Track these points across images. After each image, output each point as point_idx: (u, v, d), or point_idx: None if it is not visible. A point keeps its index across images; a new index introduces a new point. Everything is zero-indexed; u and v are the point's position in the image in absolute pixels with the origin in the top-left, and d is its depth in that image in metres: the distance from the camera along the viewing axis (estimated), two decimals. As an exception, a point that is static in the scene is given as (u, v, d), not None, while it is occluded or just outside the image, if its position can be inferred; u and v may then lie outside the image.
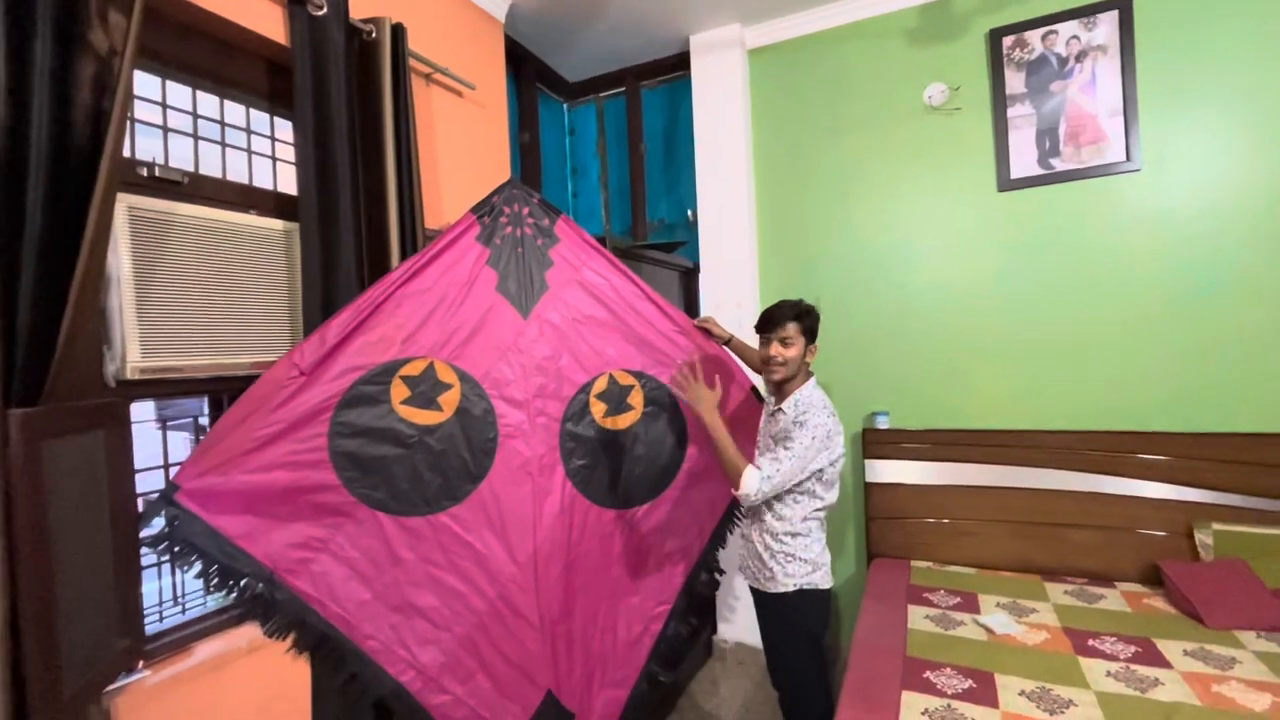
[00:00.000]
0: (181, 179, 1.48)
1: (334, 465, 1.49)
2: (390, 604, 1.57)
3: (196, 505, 1.32)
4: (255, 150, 1.74)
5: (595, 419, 1.92)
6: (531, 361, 1.82)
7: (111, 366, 1.32)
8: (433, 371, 1.66)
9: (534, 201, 1.91)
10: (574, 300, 1.91)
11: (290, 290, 1.66)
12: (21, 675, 1.06)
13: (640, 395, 2.00)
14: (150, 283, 1.37)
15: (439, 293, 1.68)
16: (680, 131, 3.14)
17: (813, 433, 1.67)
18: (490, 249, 1.80)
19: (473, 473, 1.69)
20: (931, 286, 2.57)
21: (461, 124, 2.27)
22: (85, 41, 1.19)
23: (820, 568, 1.76)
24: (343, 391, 1.50)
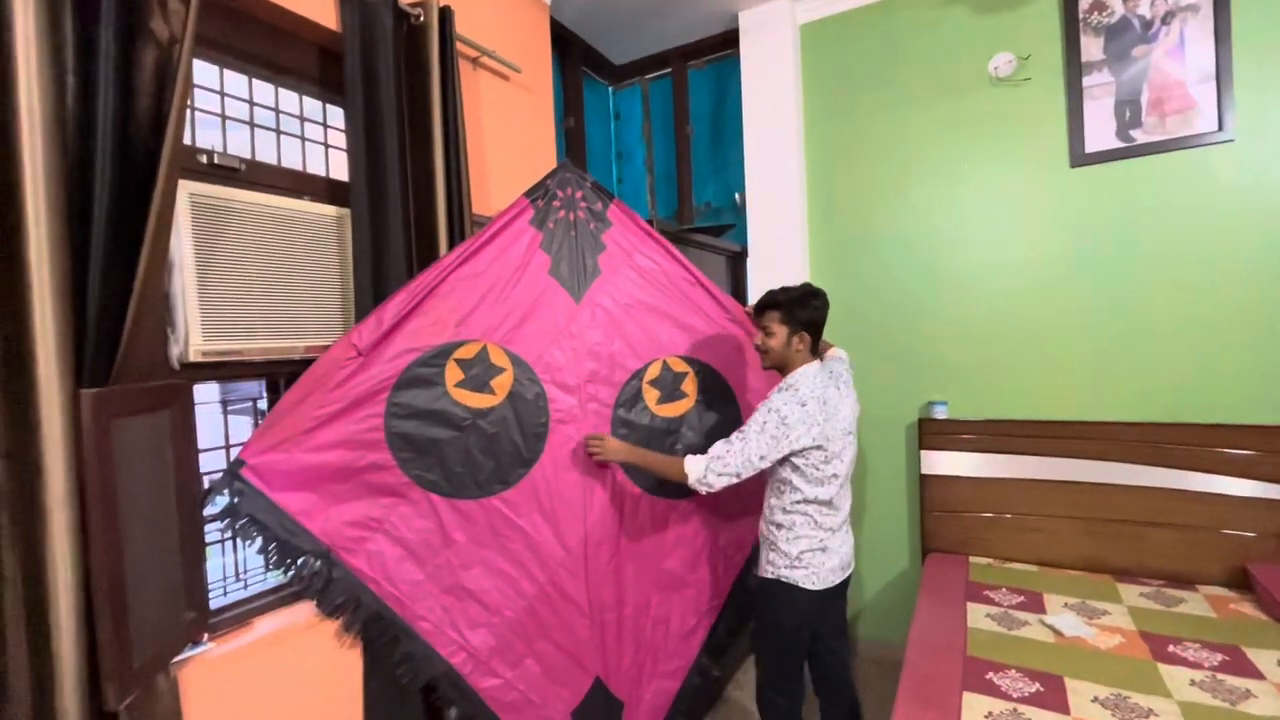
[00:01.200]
0: (239, 166, 1.51)
1: (390, 445, 1.51)
2: (442, 585, 1.58)
3: (260, 481, 1.36)
4: (308, 137, 1.76)
5: (648, 405, 1.89)
6: (584, 346, 1.80)
7: (175, 349, 1.36)
8: (486, 355, 1.66)
9: (587, 185, 1.88)
10: (627, 285, 1.89)
11: (342, 275, 1.68)
12: (94, 645, 1.11)
13: (694, 383, 1.96)
14: (210, 268, 1.40)
15: (492, 276, 1.68)
16: (727, 112, 3.05)
17: (764, 416, 1.57)
18: (543, 233, 1.79)
19: (524, 457, 1.69)
20: (995, 269, 2.43)
21: (507, 108, 2.25)
22: (147, 30, 1.21)
23: (801, 565, 1.63)
24: (399, 373, 1.52)
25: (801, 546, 1.63)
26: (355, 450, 1.46)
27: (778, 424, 1.55)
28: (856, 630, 2.74)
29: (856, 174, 2.67)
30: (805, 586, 1.63)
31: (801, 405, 1.56)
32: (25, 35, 1.04)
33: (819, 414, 1.57)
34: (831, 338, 2.64)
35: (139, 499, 1.20)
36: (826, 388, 1.63)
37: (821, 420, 1.57)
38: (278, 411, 1.40)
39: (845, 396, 1.69)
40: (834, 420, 1.60)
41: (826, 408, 1.59)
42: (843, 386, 1.70)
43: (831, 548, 1.65)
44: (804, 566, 1.63)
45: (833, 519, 1.65)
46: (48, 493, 1.04)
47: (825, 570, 1.64)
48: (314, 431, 1.42)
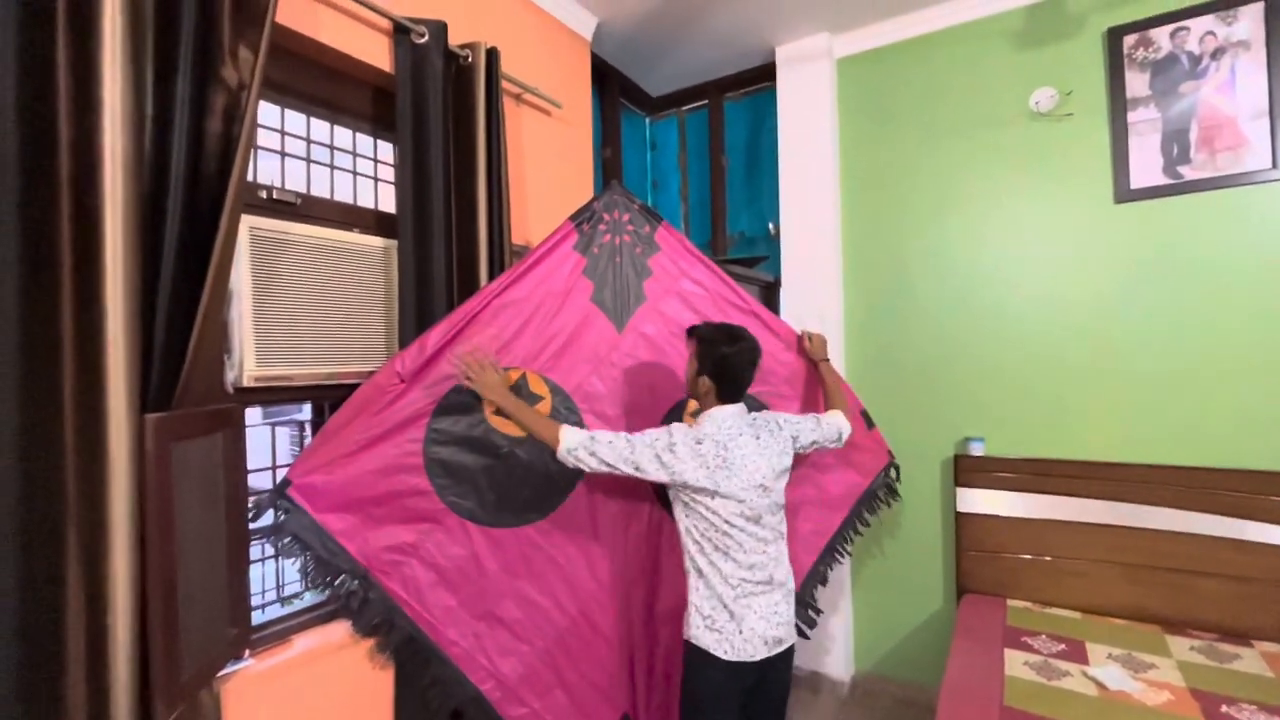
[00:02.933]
0: (295, 200, 1.59)
1: (428, 471, 1.55)
2: (474, 612, 1.60)
3: (304, 500, 1.41)
4: (359, 171, 1.84)
5: None
6: (624, 376, 1.80)
7: (230, 374, 1.43)
8: (525, 383, 1.69)
9: (635, 208, 1.88)
10: (672, 313, 1.86)
11: (386, 304, 1.75)
12: (145, 658, 1.16)
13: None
14: (266, 297, 1.47)
15: (535, 302, 1.70)
16: (763, 144, 3.08)
17: (660, 432, 1.48)
18: (588, 258, 1.79)
19: (560, 487, 1.70)
20: (1035, 305, 2.39)
21: (548, 141, 2.32)
22: (218, 77, 1.30)
23: (716, 630, 1.45)
24: (439, 399, 1.56)
25: (709, 606, 1.46)
26: (395, 474, 1.51)
27: (666, 446, 1.45)
28: (888, 670, 2.67)
29: (892, 207, 2.67)
30: (717, 655, 1.44)
31: (696, 443, 1.46)
32: (112, 85, 1.12)
33: (712, 458, 1.44)
34: (866, 370, 2.65)
35: (192, 518, 1.26)
36: (738, 435, 1.49)
37: (713, 465, 1.44)
38: (324, 434, 1.45)
39: (764, 450, 1.52)
40: (734, 470, 1.45)
41: (726, 453, 1.45)
42: (765, 437, 1.54)
43: (742, 615, 1.45)
44: (720, 632, 1.45)
45: (745, 579, 1.47)
46: (111, 510, 1.10)
47: (740, 641, 1.44)
48: (357, 454, 1.46)
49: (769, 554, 1.51)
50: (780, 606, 1.51)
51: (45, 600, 1.02)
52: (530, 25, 2.26)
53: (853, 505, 2.06)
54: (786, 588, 1.54)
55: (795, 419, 1.67)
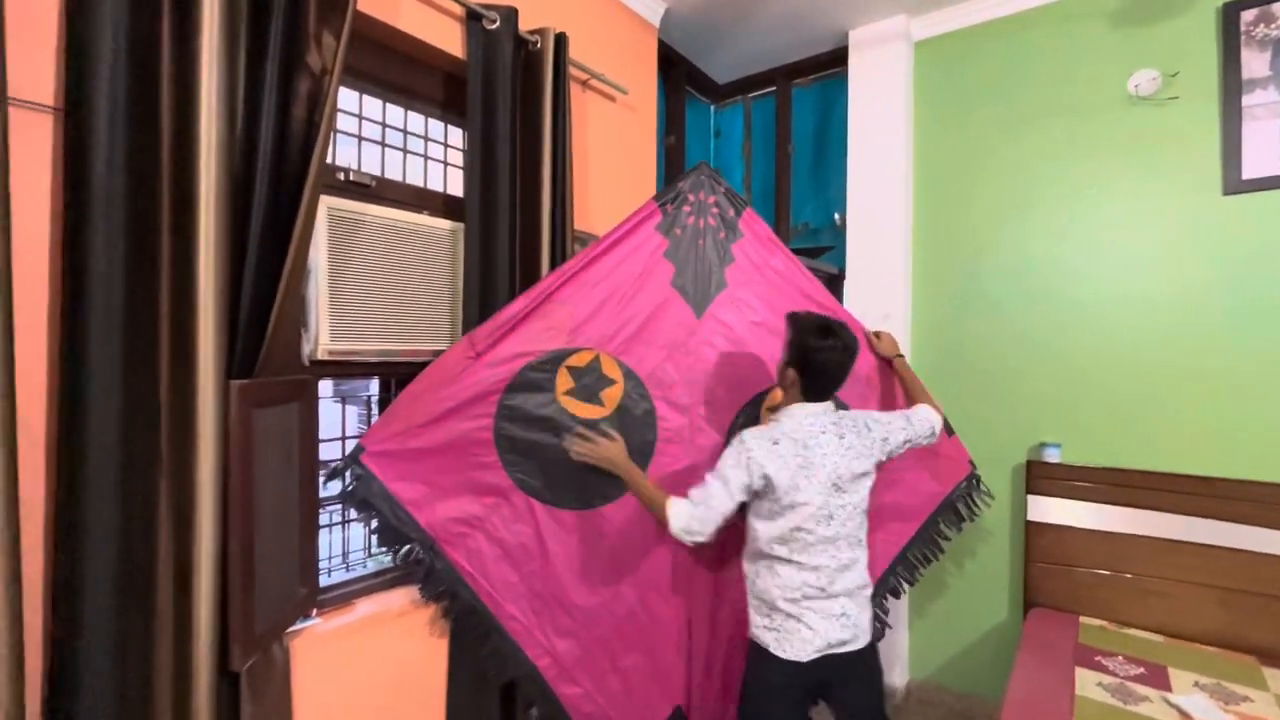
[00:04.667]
0: (370, 182, 1.65)
1: (497, 446, 1.58)
2: (534, 590, 1.62)
3: (377, 467, 1.47)
4: (430, 156, 1.89)
5: None
6: (700, 365, 1.76)
7: (307, 347, 1.50)
8: (598, 365, 1.68)
9: (721, 190, 1.82)
10: (752, 301, 1.81)
11: (452, 286, 1.79)
12: (225, 610, 1.24)
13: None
14: (340, 275, 1.54)
15: (613, 283, 1.68)
16: (831, 131, 2.99)
17: (735, 456, 1.41)
18: (670, 240, 1.76)
19: None
20: (1124, 302, 2.23)
21: (612, 127, 2.33)
22: (304, 63, 1.36)
23: (775, 629, 1.42)
24: (512, 375, 1.58)
25: (772, 596, 1.43)
26: (465, 447, 1.54)
27: (744, 463, 1.39)
28: (946, 679, 2.57)
29: (969, 196, 2.54)
30: (776, 653, 1.41)
31: (774, 444, 1.40)
32: (209, 73, 1.19)
33: (791, 457, 1.39)
34: (936, 367, 2.53)
35: (269, 481, 1.33)
36: (820, 433, 1.44)
37: (794, 466, 1.39)
38: (397, 405, 1.51)
39: (847, 450, 1.45)
40: (813, 470, 1.40)
41: (806, 452, 1.40)
42: (850, 437, 1.47)
43: (802, 615, 1.40)
44: (775, 629, 1.42)
45: (808, 583, 1.42)
46: (199, 470, 1.18)
47: (799, 641, 1.40)
48: (429, 426, 1.51)
49: (840, 559, 1.44)
50: (850, 609, 1.44)
51: (139, 553, 1.10)
52: (598, 10, 2.26)
53: (928, 515, 1.98)
54: (858, 592, 1.47)
55: (885, 418, 1.59)
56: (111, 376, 1.08)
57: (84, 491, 1.06)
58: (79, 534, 1.05)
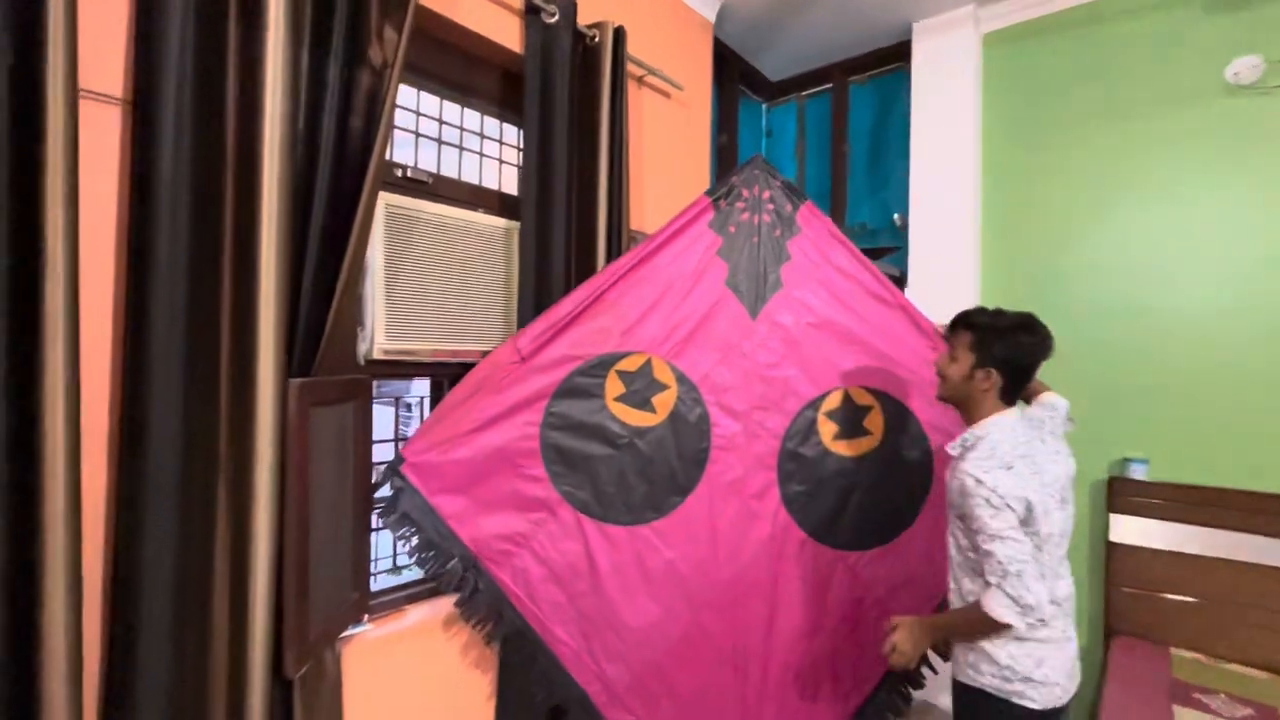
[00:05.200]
0: (427, 179, 1.62)
1: (543, 457, 1.52)
2: (583, 612, 1.55)
3: (418, 479, 1.43)
4: (484, 153, 1.86)
5: (823, 441, 1.71)
6: (755, 368, 1.68)
7: (363, 346, 1.47)
8: (649, 369, 1.61)
9: (777, 185, 1.75)
10: (810, 301, 1.72)
11: (506, 284, 1.75)
12: (279, 615, 1.21)
13: (880, 419, 1.74)
14: (397, 272, 1.51)
15: (664, 283, 1.62)
16: (891, 129, 2.87)
17: (990, 504, 1.19)
18: (723, 237, 1.69)
19: (680, 484, 1.62)
20: (1216, 310, 2.05)
21: (666, 125, 2.26)
22: (365, 57, 1.33)
23: (1017, 676, 1.22)
24: (559, 381, 1.52)
25: (1011, 649, 1.24)
26: (510, 457, 1.49)
27: (999, 500, 1.19)
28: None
29: (1044, 195, 2.39)
30: (1022, 704, 1.23)
31: (1007, 468, 1.22)
32: (273, 68, 1.17)
33: (1029, 476, 1.23)
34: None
35: (325, 481, 1.30)
36: (1030, 442, 1.29)
37: (1036, 485, 1.23)
38: (441, 410, 1.47)
39: (1055, 454, 1.32)
40: (1048, 488, 1.25)
41: (1035, 466, 1.25)
42: (1050, 440, 1.34)
43: (1047, 652, 1.24)
44: (1020, 677, 1.23)
45: (1058, 617, 1.27)
46: (257, 470, 1.15)
47: (1042, 682, 1.22)
48: (472, 434, 1.46)
49: (1064, 576, 1.31)
50: (1073, 635, 1.31)
51: (197, 557, 1.08)
52: (654, 5, 2.20)
53: None
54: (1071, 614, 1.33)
55: (1039, 409, 1.44)
56: (173, 376, 1.06)
57: (143, 493, 1.04)
58: (138, 536, 1.03)
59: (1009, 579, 1.17)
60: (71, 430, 0.92)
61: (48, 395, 0.90)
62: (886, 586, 1.72)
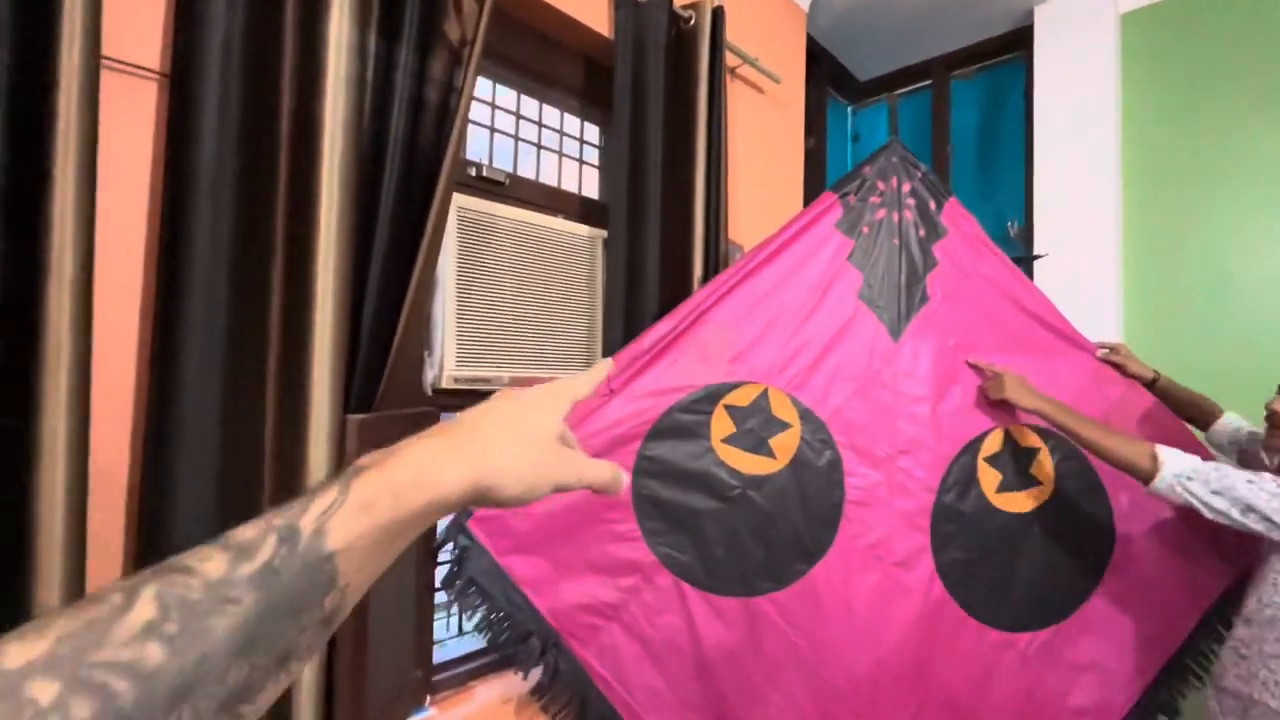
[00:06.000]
0: (504, 179, 1.41)
1: (636, 510, 1.25)
2: (685, 700, 1.27)
3: (486, 536, 1.18)
4: (565, 153, 1.65)
5: (985, 493, 1.40)
6: (899, 401, 1.39)
7: (430, 374, 1.25)
8: (766, 403, 1.34)
9: (919, 176, 1.47)
10: (964, 319, 1.44)
11: (589, 303, 1.52)
12: (331, 699, 0.98)
13: (1050, 465, 1.42)
14: (470, 287, 1.29)
15: (783, 298, 1.36)
16: (1002, 128, 2.56)
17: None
18: (854, 240, 1.41)
19: (807, 548, 1.33)
20: None
21: (758, 123, 2.02)
22: (441, 33, 1.13)
23: None
24: (656, 418, 1.26)
25: None
26: (597, 512, 1.23)
27: None
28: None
29: (1206, 196, 2.03)
30: None
31: None
32: (337, 42, 0.97)
33: None
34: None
35: (384, 539, 1.08)
36: None
37: None
38: None
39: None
40: None
41: None
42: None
43: None
44: None
45: None
46: (306, 529, 0.93)
47: None
48: None
49: None
50: None
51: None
52: (746, -9, 1.97)
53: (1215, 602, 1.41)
54: None
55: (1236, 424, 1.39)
56: (208, 407, 0.85)
57: (169, 551, 0.83)
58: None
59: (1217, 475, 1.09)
60: (76, 472, 0.72)
61: (45, 439, 0.70)
62: (1064, 674, 1.38)
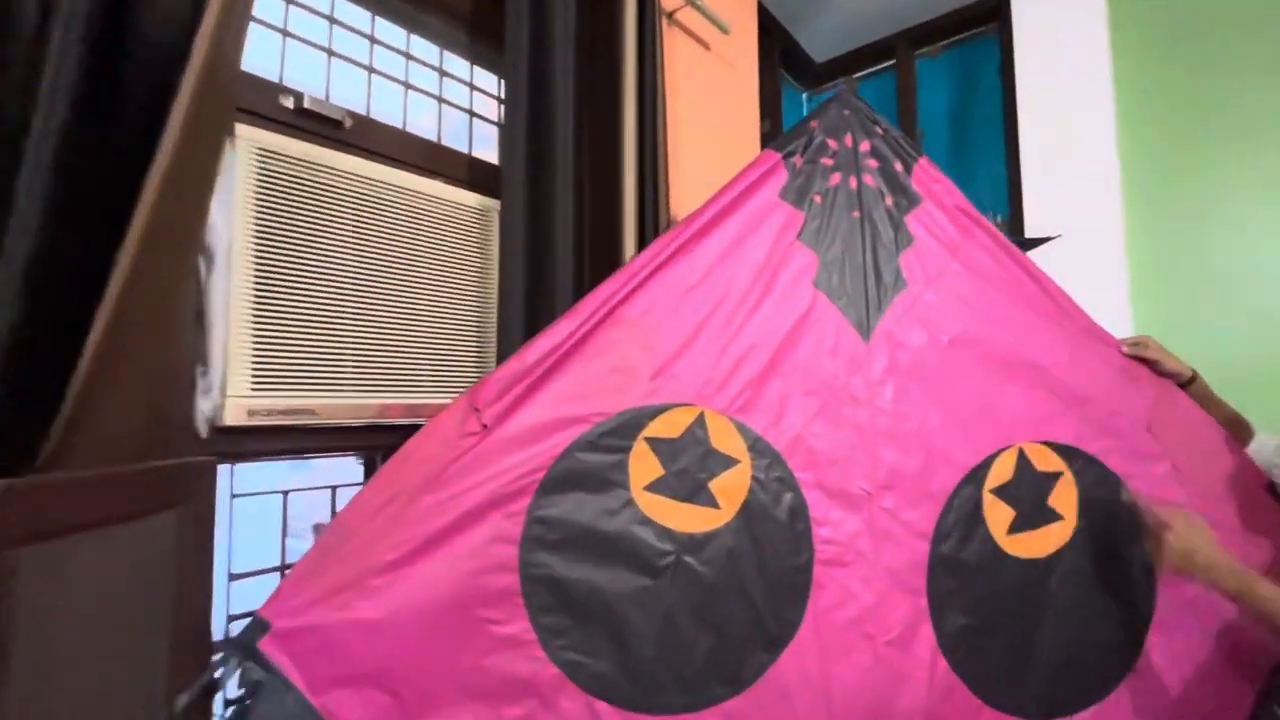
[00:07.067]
0: (343, 119, 0.98)
1: (526, 600, 0.83)
2: None
3: (293, 662, 0.73)
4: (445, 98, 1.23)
5: (993, 536, 1.06)
6: (876, 420, 1.04)
7: (204, 405, 0.80)
8: (702, 432, 0.95)
9: (878, 133, 1.15)
10: (948, 308, 1.11)
11: (481, 295, 1.10)
12: None
13: (1073, 494, 1.10)
14: (281, 273, 0.85)
15: (718, 288, 1.00)
16: (975, 109, 2.30)
17: None
18: (804, 211, 1.08)
19: (769, 631, 0.93)
20: None
21: (705, 83, 1.66)
22: None
23: None
24: (549, 463, 0.86)
25: None
26: (467, 606, 0.81)
27: None
28: None
29: (1220, 175, 1.77)
30: None
31: None
32: None
33: None
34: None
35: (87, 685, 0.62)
36: None
37: None
38: (338, 530, 0.78)
39: None
40: None
41: None
42: None
43: None
44: None
45: None
46: None
47: None
48: (395, 570, 0.77)
49: None
50: None
51: None
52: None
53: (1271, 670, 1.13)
54: None
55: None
56: None
57: None
58: None
59: None
60: None
61: None
62: None
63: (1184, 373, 1.16)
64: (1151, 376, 1.16)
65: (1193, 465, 1.14)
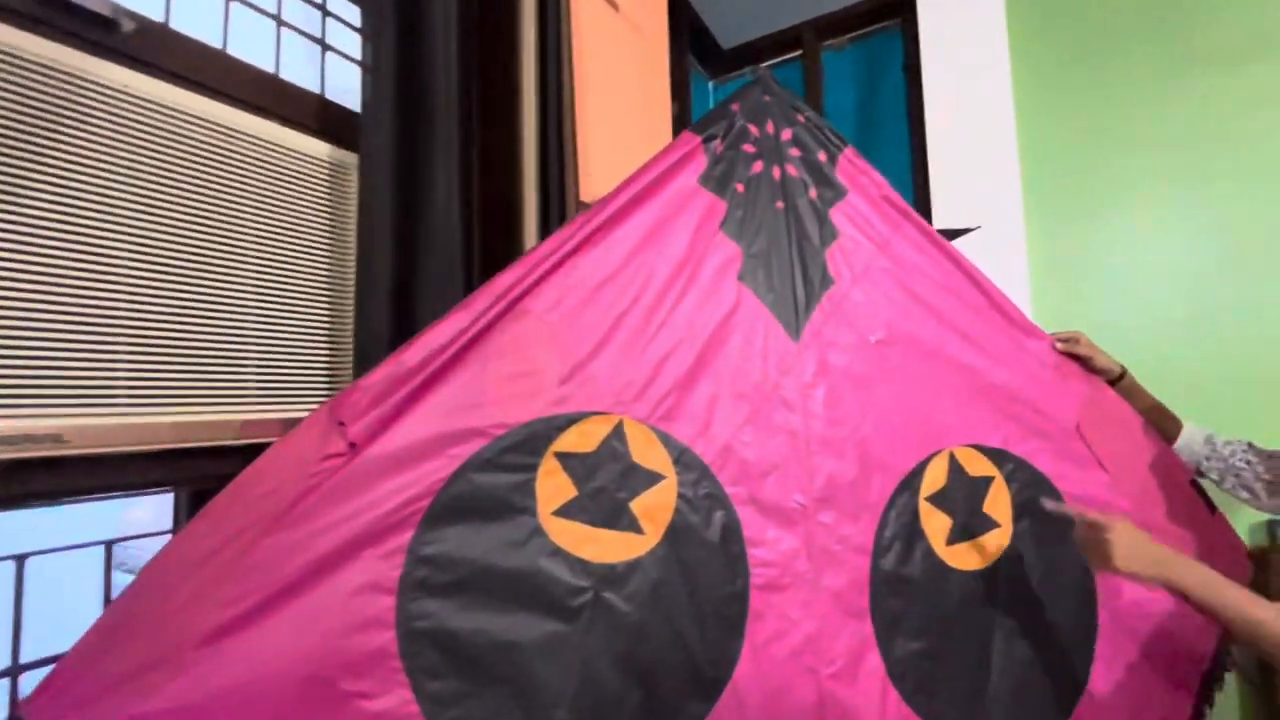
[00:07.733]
0: (125, 23, 0.70)
1: (406, 664, 0.65)
2: None
3: None
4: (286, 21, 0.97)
5: (933, 548, 0.99)
6: (812, 426, 0.95)
7: None
8: (621, 444, 0.81)
9: (800, 120, 1.07)
10: (885, 305, 1.06)
11: (335, 276, 0.86)
12: None
13: (1006, 499, 1.06)
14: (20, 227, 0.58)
15: (636, 279, 0.87)
16: (881, 104, 2.31)
17: None
18: (727, 200, 0.98)
19: (703, 674, 0.80)
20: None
21: (611, 46, 1.48)
22: None
23: None
24: (438, 487, 0.69)
25: None
26: (326, 681, 0.61)
27: None
28: None
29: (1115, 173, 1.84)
30: None
31: None
32: None
33: None
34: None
35: None
36: None
37: None
38: (141, 590, 0.56)
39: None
40: None
41: None
42: None
43: None
44: None
45: None
46: None
47: None
48: (226, 637, 0.57)
49: None
50: None
51: None
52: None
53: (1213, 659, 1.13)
54: None
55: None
56: None
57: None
58: None
59: None
60: None
61: None
62: None
63: (1113, 369, 1.15)
64: (1082, 374, 1.14)
65: (1119, 464, 1.13)
